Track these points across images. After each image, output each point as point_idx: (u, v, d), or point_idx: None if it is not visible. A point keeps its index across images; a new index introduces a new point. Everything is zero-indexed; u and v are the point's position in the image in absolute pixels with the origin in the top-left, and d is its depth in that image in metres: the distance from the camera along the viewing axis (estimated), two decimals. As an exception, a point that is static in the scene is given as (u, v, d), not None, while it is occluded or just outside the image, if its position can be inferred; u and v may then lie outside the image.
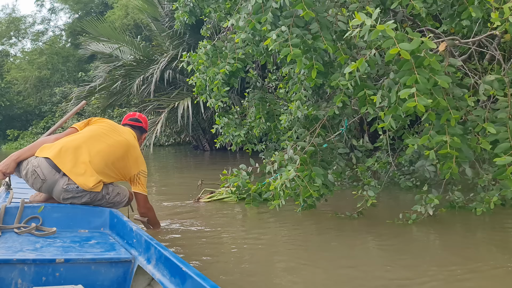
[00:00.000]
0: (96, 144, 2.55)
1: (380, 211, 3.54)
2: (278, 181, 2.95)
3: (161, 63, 9.27)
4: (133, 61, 11.39)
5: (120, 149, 2.62)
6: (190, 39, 9.67)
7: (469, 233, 3.15)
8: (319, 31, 2.83)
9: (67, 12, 27.62)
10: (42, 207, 2.28)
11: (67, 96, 23.27)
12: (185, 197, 4.70)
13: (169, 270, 1.62)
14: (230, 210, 4.12)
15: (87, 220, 2.37)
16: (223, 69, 4.05)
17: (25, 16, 27.52)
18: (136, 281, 1.86)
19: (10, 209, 2.20)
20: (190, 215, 3.94)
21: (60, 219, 2.30)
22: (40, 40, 28.63)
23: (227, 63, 4.08)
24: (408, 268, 2.39)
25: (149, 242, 1.84)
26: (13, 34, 27.86)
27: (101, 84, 11.52)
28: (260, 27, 3.12)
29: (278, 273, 2.42)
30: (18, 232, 2.08)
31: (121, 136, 2.69)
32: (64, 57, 26.32)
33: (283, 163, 3.21)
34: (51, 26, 32.86)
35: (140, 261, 1.85)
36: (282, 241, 3.06)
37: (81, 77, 23.30)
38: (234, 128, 5.70)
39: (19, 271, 1.70)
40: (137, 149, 2.74)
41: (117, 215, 2.32)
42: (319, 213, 3.67)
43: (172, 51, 9.54)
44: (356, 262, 2.54)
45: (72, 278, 1.78)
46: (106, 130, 2.67)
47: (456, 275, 2.25)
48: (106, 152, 2.55)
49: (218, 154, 12.47)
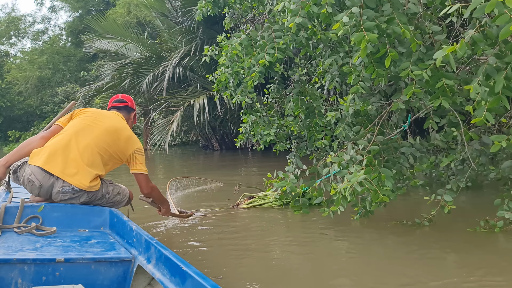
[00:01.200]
0: (83, 138, 2.48)
1: (451, 217, 3.14)
2: (344, 184, 2.57)
3: (173, 60, 8.86)
4: (141, 59, 11.01)
5: (108, 136, 2.53)
6: (203, 35, 9.28)
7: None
8: (393, 13, 2.46)
9: (68, 11, 27.18)
10: (42, 207, 2.27)
11: (69, 96, 22.92)
12: (222, 202, 4.34)
13: (169, 269, 1.62)
14: (273, 217, 3.75)
15: (87, 220, 2.36)
16: (263, 59, 3.66)
17: (25, 15, 27.09)
18: (136, 280, 1.86)
19: (10, 208, 2.19)
20: (229, 222, 3.58)
21: (60, 218, 2.29)
22: (40, 39, 28.23)
23: (266, 53, 3.70)
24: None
25: (149, 241, 1.83)
26: (13, 34, 27.45)
27: (108, 83, 11.14)
28: (318, 10, 2.74)
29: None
30: (18, 231, 2.08)
31: (106, 122, 2.59)
32: (65, 57, 25.95)
33: (343, 164, 2.83)
34: (51, 25, 32.33)
35: (140, 260, 1.85)
36: (338, 253, 2.71)
37: (83, 76, 22.93)
38: (263, 126, 5.32)
39: (19, 270, 1.70)
40: (126, 130, 2.63)
41: (117, 214, 2.31)
42: (377, 220, 3.29)
43: (184, 46, 9.13)
44: (438, 280, 2.16)
45: (72, 277, 1.78)
46: (89, 121, 2.57)
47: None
48: (94, 144, 2.48)
49: (228, 154, 12.16)
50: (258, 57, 3.73)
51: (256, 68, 3.77)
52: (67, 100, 22.67)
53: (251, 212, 3.99)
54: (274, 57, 3.65)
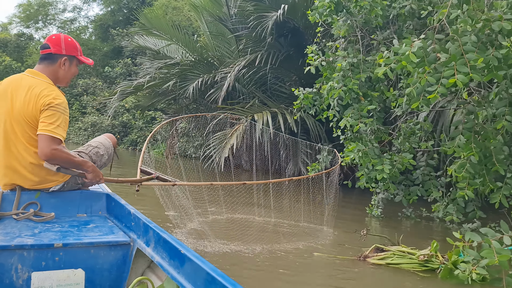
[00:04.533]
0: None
1: None
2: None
3: (236, 68, 8.02)
4: (190, 62, 10.20)
5: (17, 122, 2.12)
6: (269, 46, 8.47)
7: None
8: None
9: (100, 4, 26.66)
10: (39, 193, 2.22)
11: (89, 89, 22.08)
12: (336, 247, 3.40)
13: (168, 252, 1.61)
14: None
15: (85, 205, 2.32)
16: (453, 78, 2.79)
17: (57, 1, 26.55)
18: (135, 263, 1.86)
19: (7, 195, 2.18)
20: (359, 279, 2.64)
21: (58, 204, 2.26)
22: (66, 28, 27.62)
23: (455, 71, 2.83)
24: None
25: (147, 225, 1.82)
26: (40, 19, 26.85)
27: (149, 81, 10.29)
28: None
29: None
30: (16, 218, 2.07)
31: (9, 101, 2.14)
32: (90, 49, 25.25)
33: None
34: (81, 15, 31.83)
35: (139, 244, 1.84)
36: None
37: (107, 72, 22.17)
38: (374, 160, 4.42)
39: (18, 256, 1.71)
40: (34, 88, 2.12)
41: (115, 198, 2.28)
42: None
43: (249, 55, 8.31)
44: None
45: (72, 262, 1.78)
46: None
47: None
48: (9, 140, 2.14)
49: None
50: (445, 73, 2.84)
51: (438, 89, 2.88)
52: (85, 93, 21.83)
53: (384, 271, 3.05)
54: (467, 77, 2.77)
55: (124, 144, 18.54)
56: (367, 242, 3.59)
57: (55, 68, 2.23)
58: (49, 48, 2.24)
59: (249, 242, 3.53)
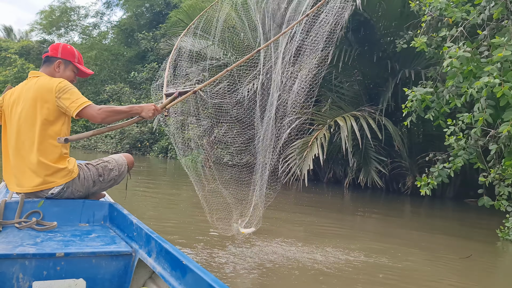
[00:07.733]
0: (12, 139, 2.32)
1: None
2: None
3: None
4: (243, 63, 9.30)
5: (26, 121, 2.28)
6: (342, 42, 7.50)
7: None
8: None
9: (123, 9, 26.05)
10: (42, 202, 2.23)
11: (114, 95, 21.35)
12: None
13: (170, 263, 1.60)
14: None
15: (88, 214, 2.32)
16: None
17: (79, 7, 26.03)
18: (137, 274, 1.85)
19: (10, 204, 2.17)
20: None
21: (60, 213, 2.25)
22: (88, 34, 27.08)
23: None
24: None
25: (149, 235, 1.82)
26: (62, 25, 26.35)
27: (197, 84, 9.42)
28: None
29: None
30: (18, 227, 2.08)
31: (19, 105, 2.32)
32: (113, 55, 24.62)
33: None
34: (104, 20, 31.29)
35: (141, 254, 1.84)
36: None
37: (132, 77, 21.45)
38: None
39: (20, 265, 1.70)
40: (39, 80, 2.35)
41: (117, 208, 2.28)
42: None
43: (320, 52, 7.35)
44: None
45: (73, 271, 1.78)
46: (7, 116, 2.39)
47: None
48: (20, 141, 2.28)
49: (363, 195, 8.75)
50: None
51: None
52: (111, 100, 21.12)
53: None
54: None
55: (153, 152, 17.73)
56: None
57: (51, 70, 2.45)
58: (47, 52, 2.49)
59: None
